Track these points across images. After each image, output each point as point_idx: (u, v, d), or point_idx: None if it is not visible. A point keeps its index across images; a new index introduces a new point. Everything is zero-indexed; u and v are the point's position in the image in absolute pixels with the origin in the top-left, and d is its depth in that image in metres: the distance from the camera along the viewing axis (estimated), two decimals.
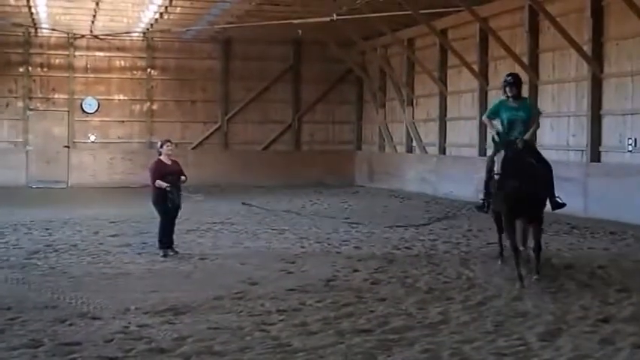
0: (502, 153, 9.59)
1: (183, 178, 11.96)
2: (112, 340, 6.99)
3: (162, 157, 11.94)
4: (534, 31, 19.25)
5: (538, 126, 10.87)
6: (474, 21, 20.55)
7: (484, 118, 10.92)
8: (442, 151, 23.74)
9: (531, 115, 10.25)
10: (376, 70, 27.71)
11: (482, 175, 10.94)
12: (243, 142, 28.08)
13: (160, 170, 11.78)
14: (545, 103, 18.66)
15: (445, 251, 12.46)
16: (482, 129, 20.97)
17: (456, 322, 7.66)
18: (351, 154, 28.99)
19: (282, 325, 7.59)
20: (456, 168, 22.41)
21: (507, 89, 10.10)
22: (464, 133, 22.56)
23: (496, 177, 9.62)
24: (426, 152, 24.61)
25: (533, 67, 19.20)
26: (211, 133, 27.84)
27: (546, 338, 7.04)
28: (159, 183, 11.64)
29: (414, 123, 25.42)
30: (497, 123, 10.34)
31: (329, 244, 13.09)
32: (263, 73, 27.87)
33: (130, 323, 7.57)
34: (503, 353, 6.65)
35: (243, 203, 14.01)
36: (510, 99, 10.10)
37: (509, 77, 10.22)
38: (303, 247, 12.85)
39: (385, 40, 25.85)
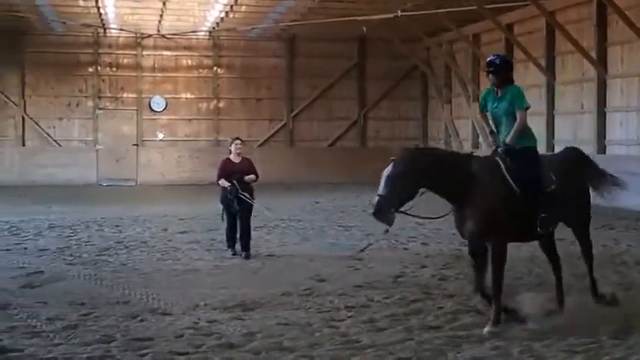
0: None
1: (248, 177, 11.67)
2: (182, 336, 7.06)
3: (231, 156, 11.86)
4: (602, 25, 18.82)
5: (521, 125, 7.68)
6: (541, 15, 20.17)
7: (477, 112, 9.59)
8: None
9: (512, 109, 7.75)
10: (441, 66, 27.47)
11: None
12: (308, 139, 28.15)
13: (225, 169, 11.67)
14: (613, 98, 18.24)
15: (513, 247, 12.23)
16: (550, 124, 20.65)
17: None
18: None
19: (351, 321, 7.57)
20: None
21: (489, 77, 7.86)
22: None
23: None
24: None
25: (602, 62, 18.78)
26: (277, 131, 27.97)
27: (618, 336, 6.87)
28: (222, 182, 11.61)
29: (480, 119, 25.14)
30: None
31: (396, 241, 13.01)
32: (327, 71, 27.87)
33: (199, 319, 7.64)
34: (575, 351, 6.53)
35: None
36: (495, 88, 7.87)
37: (488, 62, 7.87)
38: (370, 243, 12.80)
39: (450, 35, 25.59)
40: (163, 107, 27.38)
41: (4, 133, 26.56)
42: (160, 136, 27.42)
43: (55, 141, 26.65)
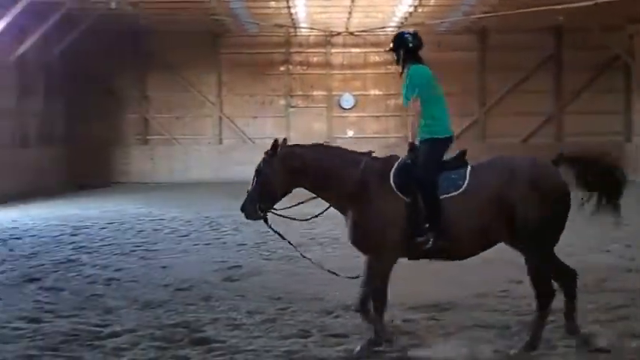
0: None
1: None
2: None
3: None
4: None
5: (418, 121, 6.74)
6: None
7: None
8: None
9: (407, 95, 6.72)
10: None
11: None
12: (500, 134, 27.33)
13: None
14: None
15: None
16: None
17: None
18: (620, 146, 27.21)
19: (552, 325, 7.20)
20: None
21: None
22: None
23: None
24: None
25: None
26: (468, 126, 27.49)
27: None
28: None
29: None
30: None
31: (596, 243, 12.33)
32: (521, 63, 26.92)
33: (394, 317, 7.54)
34: None
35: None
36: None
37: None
38: (569, 245, 12.15)
39: None
40: (352, 104, 27.65)
41: (203, 132, 27.81)
42: (350, 133, 27.72)
43: (249, 139, 27.59)
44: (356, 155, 6.81)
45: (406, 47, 6.86)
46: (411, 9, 23.30)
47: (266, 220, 6.91)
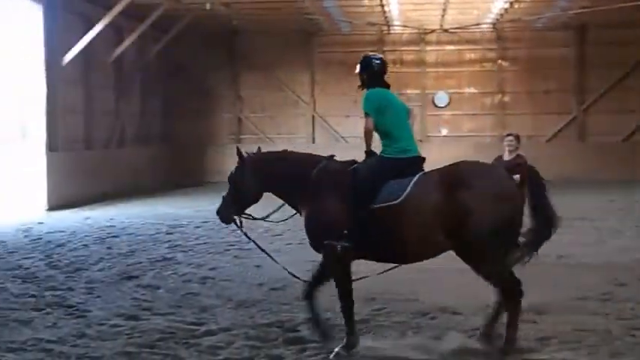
0: None
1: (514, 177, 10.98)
2: (472, 337, 6.87)
3: (504, 153, 11.14)
4: None
5: (369, 138, 7.01)
6: None
7: None
8: None
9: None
10: None
11: None
12: (600, 133, 26.44)
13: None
14: None
15: None
16: None
17: None
18: None
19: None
20: None
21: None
22: None
23: None
24: None
25: None
26: (566, 125, 26.75)
27: None
28: None
29: None
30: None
31: None
32: (622, 59, 25.98)
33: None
34: None
35: None
36: None
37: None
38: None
39: None
40: (446, 102, 27.32)
41: (296, 131, 27.95)
42: (444, 131, 27.39)
43: (342, 137, 27.58)
44: (318, 158, 7.05)
45: (371, 71, 7.15)
46: (507, 5, 22.84)
47: (237, 224, 7.23)
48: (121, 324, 7.51)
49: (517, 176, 10.42)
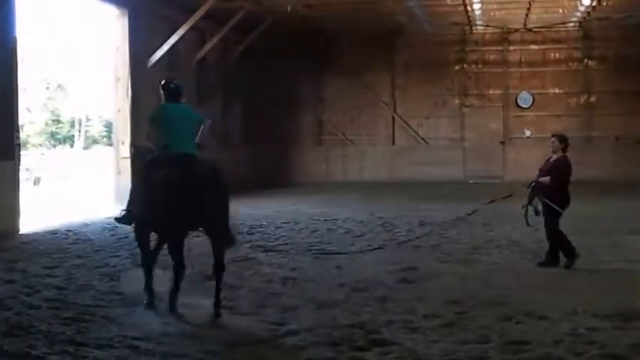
0: None
1: (542, 179, 10.38)
2: (561, 342, 6.68)
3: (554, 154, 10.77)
4: None
5: (151, 143, 8.84)
6: None
7: None
8: None
9: None
10: None
11: None
12: None
13: (541, 168, 10.73)
14: None
15: None
16: None
17: None
18: None
19: None
20: None
21: None
22: None
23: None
24: None
25: None
26: None
27: None
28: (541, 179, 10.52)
29: None
30: None
31: None
32: None
33: (578, 325, 7.18)
34: None
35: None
36: None
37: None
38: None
39: None
40: (530, 103, 26.81)
41: (376, 132, 27.84)
42: (527, 132, 26.88)
43: (422, 139, 27.36)
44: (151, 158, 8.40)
45: (167, 91, 8.75)
46: (595, 3, 22.25)
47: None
48: (204, 323, 7.55)
49: (545, 178, 10.16)
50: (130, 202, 8.44)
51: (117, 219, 8.60)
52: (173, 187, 7.66)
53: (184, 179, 7.72)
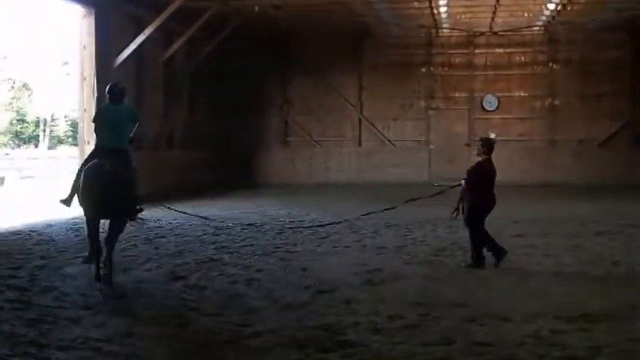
0: None
1: (462, 181, 10.98)
2: (523, 344, 6.72)
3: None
4: None
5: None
6: None
7: None
8: None
9: None
10: None
11: None
12: None
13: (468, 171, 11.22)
14: None
15: None
16: None
17: None
18: None
19: None
20: None
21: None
22: None
23: None
24: None
25: None
26: (620, 129, 26.21)
27: None
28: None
29: None
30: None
31: None
32: None
33: (541, 327, 7.23)
34: None
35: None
36: None
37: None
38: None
39: None
40: (496, 106, 27.04)
41: (343, 134, 27.90)
42: (492, 135, 27.05)
43: (389, 141, 27.46)
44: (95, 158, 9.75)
45: (111, 94, 10.01)
46: (560, 7, 22.50)
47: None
48: (169, 324, 7.52)
49: (460, 182, 10.59)
50: (72, 187, 9.86)
51: (61, 201, 10.06)
52: (98, 173, 9.20)
53: (107, 167, 9.21)
